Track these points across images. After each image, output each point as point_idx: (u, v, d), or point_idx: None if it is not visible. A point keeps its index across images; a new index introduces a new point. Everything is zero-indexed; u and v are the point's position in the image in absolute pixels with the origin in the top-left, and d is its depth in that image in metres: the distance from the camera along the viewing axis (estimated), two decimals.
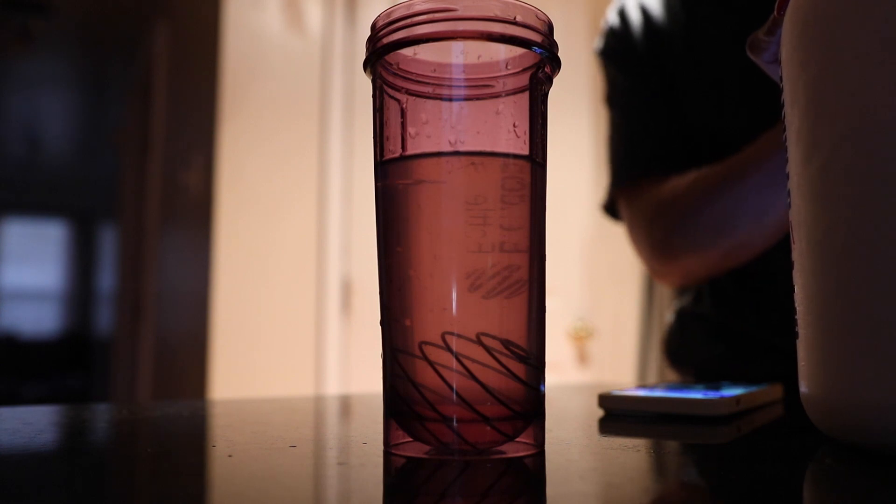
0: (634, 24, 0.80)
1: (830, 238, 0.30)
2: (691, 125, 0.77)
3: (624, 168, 0.78)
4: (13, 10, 3.06)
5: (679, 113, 0.77)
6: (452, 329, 0.29)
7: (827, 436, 0.33)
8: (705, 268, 0.70)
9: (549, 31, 0.32)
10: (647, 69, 0.79)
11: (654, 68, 0.78)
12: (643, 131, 0.78)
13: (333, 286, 1.86)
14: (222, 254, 1.76)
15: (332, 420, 0.49)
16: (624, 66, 0.81)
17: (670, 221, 0.70)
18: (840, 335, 0.30)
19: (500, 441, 0.30)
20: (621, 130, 0.80)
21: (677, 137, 0.77)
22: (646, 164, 0.76)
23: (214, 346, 1.73)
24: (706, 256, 0.68)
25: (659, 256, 0.73)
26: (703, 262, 0.69)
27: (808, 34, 0.32)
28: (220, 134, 1.78)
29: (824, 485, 0.28)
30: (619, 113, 0.81)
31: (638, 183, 0.76)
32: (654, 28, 0.79)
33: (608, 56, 0.83)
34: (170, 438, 0.38)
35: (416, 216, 0.30)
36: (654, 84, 0.78)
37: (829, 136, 0.30)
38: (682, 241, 0.69)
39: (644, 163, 0.76)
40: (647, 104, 0.78)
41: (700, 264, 0.70)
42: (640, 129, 0.78)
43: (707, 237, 0.67)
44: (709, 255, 0.68)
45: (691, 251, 0.69)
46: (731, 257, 0.68)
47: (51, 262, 6.72)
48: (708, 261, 0.69)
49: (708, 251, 0.68)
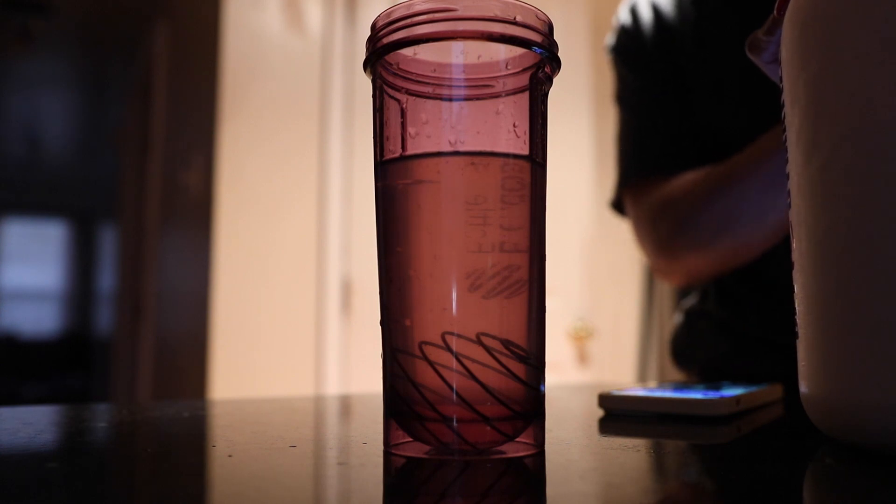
0: (645, 23, 0.81)
1: (830, 238, 0.30)
2: (699, 123, 0.77)
3: (631, 166, 0.78)
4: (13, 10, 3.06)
5: (688, 111, 0.77)
6: (452, 329, 0.29)
7: (827, 436, 0.33)
8: (708, 267, 0.71)
9: (549, 31, 0.32)
10: (658, 67, 0.79)
11: (665, 66, 0.79)
12: (652, 130, 0.78)
13: (333, 286, 1.86)
14: (222, 254, 1.76)
15: (332, 420, 0.49)
16: (634, 65, 0.81)
17: (673, 220, 0.71)
18: (840, 335, 0.30)
19: (500, 441, 0.30)
20: (630, 129, 0.80)
21: (686, 136, 0.77)
22: (653, 163, 0.76)
23: (214, 346, 1.73)
24: (708, 255, 0.69)
25: (662, 255, 0.73)
26: (705, 261, 0.70)
27: (809, 34, 0.32)
28: (220, 134, 1.78)
29: (824, 485, 0.28)
30: (629, 111, 0.81)
31: (644, 181, 0.76)
32: (665, 26, 0.79)
33: (619, 54, 0.83)
34: (170, 438, 0.38)
35: (416, 216, 0.30)
36: (665, 82, 0.79)
37: (830, 136, 0.30)
38: (684, 240, 0.70)
39: (651, 161, 0.76)
40: (657, 102, 0.79)
41: (702, 263, 0.70)
42: (648, 128, 0.78)
43: (708, 236, 0.68)
44: (710, 254, 0.69)
45: (693, 250, 0.69)
46: (732, 256, 0.68)
47: (51, 262, 6.72)
48: (710, 260, 0.69)
49: (709, 250, 0.68)
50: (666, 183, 0.73)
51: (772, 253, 0.67)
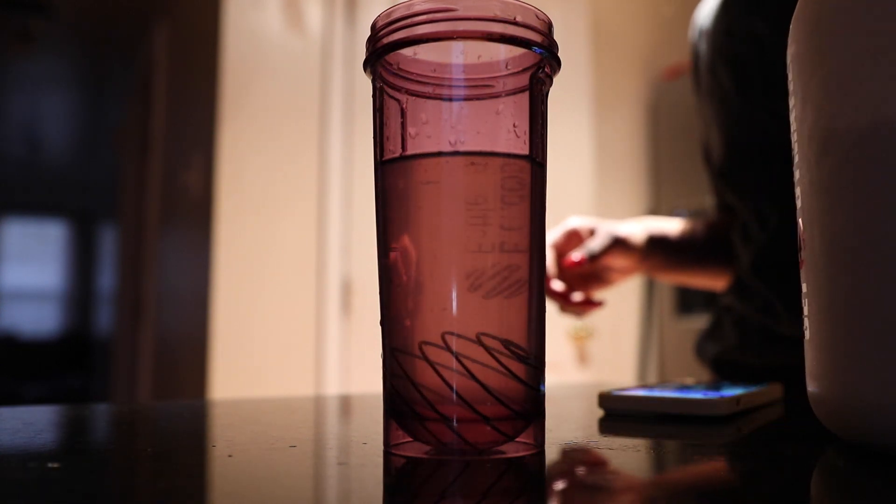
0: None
1: (844, 237, 0.30)
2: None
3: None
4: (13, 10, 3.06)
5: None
6: (452, 329, 0.29)
7: (830, 435, 0.33)
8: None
9: (549, 31, 0.32)
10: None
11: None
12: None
13: (333, 286, 1.86)
14: (222, 254, 1.76)
15: (332, 420, 0.49)
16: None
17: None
18: (851, 335, 0.30)
19: (500, 441, 0.30)
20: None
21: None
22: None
23: (214, 346, 1.73)
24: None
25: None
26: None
27: (823, 31, 0.32)
28: (220, 134, 1.78)
29: (826, 485, 0.28)
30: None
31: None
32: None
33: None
34: (170, 438, 0.38)
35: (416, 216, 0.30)
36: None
37: (845, 136, 0.30)
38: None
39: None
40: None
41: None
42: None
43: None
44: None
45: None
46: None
47: (51, 262, 6.72)
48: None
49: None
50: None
51: (777, 249, 0.68)
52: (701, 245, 0.84)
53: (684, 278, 0.88)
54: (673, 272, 0.83)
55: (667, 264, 0.80)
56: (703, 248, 0.84)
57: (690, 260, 0.83)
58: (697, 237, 0.84)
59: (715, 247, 0.83)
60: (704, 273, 0.85)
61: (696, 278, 0.87)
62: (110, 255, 6.03)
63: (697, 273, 0.85)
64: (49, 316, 6.57)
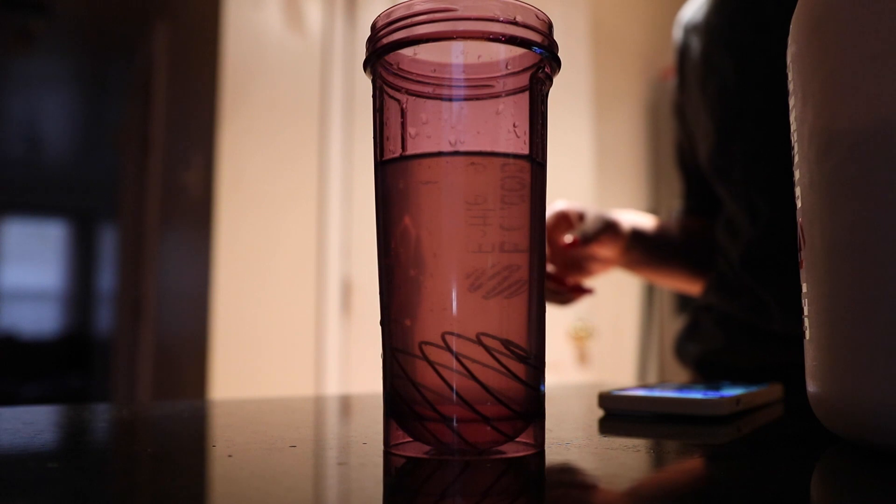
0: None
1: (844, 237, 0.30)
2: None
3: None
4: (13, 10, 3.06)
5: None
6: (452, 329, 0.29)
7: (830, 435, 0.33)
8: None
9: (549, 31, 0.32)
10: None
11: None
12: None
13: (333, 286, 1.86)
14: (222, 254, 1.76)
15: (332, 420, 0.49)
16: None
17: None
18: (851, 334, 0.30)
19: (500, 441, 0.30)
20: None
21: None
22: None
23: (214, 346, 1.73)
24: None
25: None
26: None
27: (822, 29, 0.32)
28: (220, 134, 1.78)
29: (826, 485, 0.28)
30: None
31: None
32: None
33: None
34: (170, 438, 0.38)
35: (417, 216, 0.30)
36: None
37: (847, 135, 0.30)
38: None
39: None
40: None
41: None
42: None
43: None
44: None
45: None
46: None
47: (51, 262, 6.72)
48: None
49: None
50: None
51: (769, 242, 0.68)
52: (677, 245, 0.84)
53: (658, 276, 0.88)
54: (649, 268, 0.83)
55: (644, 259, 0.80)
56: (678, 248, 0.84)
57: (666, 257, 0.84)
58: (672, 237, 0.85)
59: (689, 249, 0.84)
60: (678, 273, 0.85)
61: (670, 278, 0.87)
62: (110, 255, 6.03)
63: (672, 272, 0.86)
64: (49, 316, 6.57)
